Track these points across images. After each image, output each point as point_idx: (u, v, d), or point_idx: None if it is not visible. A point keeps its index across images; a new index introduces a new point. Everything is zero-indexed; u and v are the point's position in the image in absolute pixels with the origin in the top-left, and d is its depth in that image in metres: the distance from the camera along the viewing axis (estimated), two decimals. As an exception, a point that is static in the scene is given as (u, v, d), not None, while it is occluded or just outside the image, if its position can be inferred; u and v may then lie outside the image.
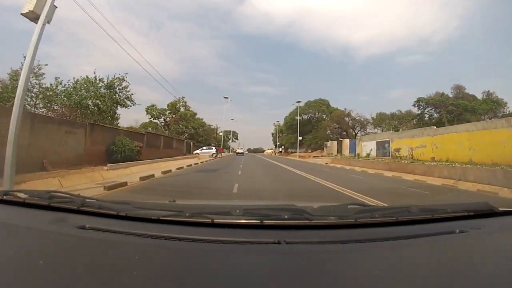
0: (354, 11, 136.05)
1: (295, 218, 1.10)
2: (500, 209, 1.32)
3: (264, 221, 1.06)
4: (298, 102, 49.95)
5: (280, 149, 78.09)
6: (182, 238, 0.95)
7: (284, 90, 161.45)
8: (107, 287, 0.71)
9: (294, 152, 60.25)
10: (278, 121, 78.83)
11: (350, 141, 39.46)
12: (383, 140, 29.79)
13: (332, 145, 42.80)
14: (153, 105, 44.16)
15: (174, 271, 0.80)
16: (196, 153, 33.25)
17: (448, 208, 1.29)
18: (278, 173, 14.60)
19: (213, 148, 36.03)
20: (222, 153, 48.87)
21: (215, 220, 1.06)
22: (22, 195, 1.25)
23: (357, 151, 33.93)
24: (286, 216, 1.09)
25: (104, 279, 0.74)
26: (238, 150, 69.06)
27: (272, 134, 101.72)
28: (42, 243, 0.95)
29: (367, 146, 32.19)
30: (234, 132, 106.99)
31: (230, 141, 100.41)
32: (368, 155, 28.50)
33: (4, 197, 1.25)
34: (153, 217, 1.08)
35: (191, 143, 39.80)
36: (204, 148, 36.38)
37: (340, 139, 43.52)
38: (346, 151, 37.98)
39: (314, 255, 0.90)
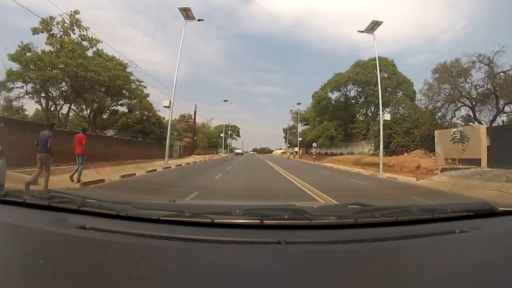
0: (360, 11, 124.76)
1: (295, 218, 1.10)
2: (500, 209, 1.30)
3: (264, 221, 1.05)
4: (376, 24, 16.83)
5: (296, 149, 52.04)
6: (182, 238, 0.95)
7: (289, 90, 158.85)
8: (107, 287, 0.71)
9: (329, 154, 33.37)
10: (299, 103, 50.64)
11: None
12: None
13: (479, 132, 15.13)
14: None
15: (174, 271, 0.79)
16: None
17: (448, 208, 1.28)
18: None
19: None
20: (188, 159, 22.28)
21: (215, 220, 1.05)
22: (22, 195, 1.25)
23: None
24: (286, 216, 1.09)
25: (104, 279, 0.74)
26: (237, 151, 61.51)
27: (284, 130, 77.04)
28: (42, 243, 0.95)
29: None
30: (234, 126, 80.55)
31: (230, 139, 74.20)
32: None
33: (4, 197, 1.24)
34: (153, 217, 1.07)
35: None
36: None
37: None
38: None
39: (314, 255, 0.90)
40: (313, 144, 36.14)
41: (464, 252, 1.00)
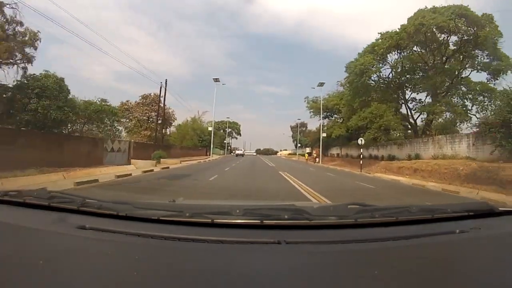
0: (364, 9, 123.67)
1: (295, 218, 1.10)
2: (500, 209, 1.31)
3: (264, 221, 1.05)
4: None
5: (308, 151, 40.36)
6: (182, 238, 0.95)
7: (293, 90, 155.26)
8: (107, 287, 0.71)
9: (367, 157, 21.40)
10: (321, 84, 31.76)
11: None
12: None
13: None
14: None
15: (174, 271, 0.79)
16: None
17: (448, 208, 1.28)
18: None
19: None
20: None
21: (215, 220, 1.05)
22: (22, 195, 1.24)
23: None
24: (286, 216, 1.09)
25: (104, 279, 0.74)
26: (238, 152, 58.03)
27: (292, 128, 65.52)
28: (42, 243, 0.95)
29: None
30: (234, 123, 68.45)
31: (229, 138, 62.58)
32: None
33: (4, 197, 1.24)
34: (153, 217, 1.07)
35: None
36: None
37: None
38: None
39: (314, 255, 0.90)
40: (359, 141, 20.31)
41: (464, 252, 1.01)
